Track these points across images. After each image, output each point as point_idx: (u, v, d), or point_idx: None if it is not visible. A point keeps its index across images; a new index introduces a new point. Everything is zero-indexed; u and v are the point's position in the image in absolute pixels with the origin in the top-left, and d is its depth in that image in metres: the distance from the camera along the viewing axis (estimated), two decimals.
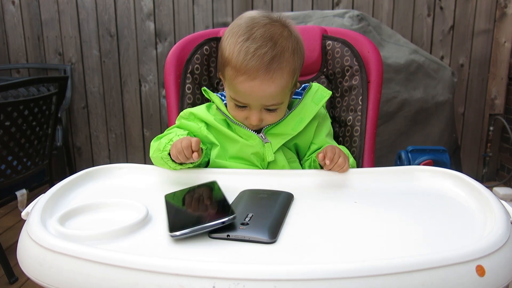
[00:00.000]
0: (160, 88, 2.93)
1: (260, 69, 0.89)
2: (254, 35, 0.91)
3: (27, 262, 0.60)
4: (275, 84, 0.91)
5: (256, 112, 0.95)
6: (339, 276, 0.50)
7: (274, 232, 0.64)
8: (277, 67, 0.91)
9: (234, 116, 0.99)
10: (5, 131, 1.72)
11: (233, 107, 0.98)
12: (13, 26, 2.91)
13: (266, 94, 0.92)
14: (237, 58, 0.90)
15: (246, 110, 0.96)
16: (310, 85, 1.05)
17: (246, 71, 0.90)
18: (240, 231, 0.64)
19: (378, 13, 2.77)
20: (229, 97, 0.98)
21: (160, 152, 0.92)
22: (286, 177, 0.90)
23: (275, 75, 0.91)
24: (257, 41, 0.90)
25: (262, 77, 0.90)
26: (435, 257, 0.52)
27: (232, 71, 0.92)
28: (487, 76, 2.86)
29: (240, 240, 0.63)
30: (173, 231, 0.63)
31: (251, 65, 0.89)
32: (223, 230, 0.65)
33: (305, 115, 1.01)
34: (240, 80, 0.91)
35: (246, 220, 0.68)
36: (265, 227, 0.65)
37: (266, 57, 0.89)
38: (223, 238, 0.64)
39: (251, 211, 0.71)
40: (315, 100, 1.03)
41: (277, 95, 0.93)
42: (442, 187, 0.83)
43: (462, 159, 2.79)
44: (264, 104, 0.94)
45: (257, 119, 0.96)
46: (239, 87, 0.92)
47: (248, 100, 0.94)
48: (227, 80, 0.95)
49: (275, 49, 0.90)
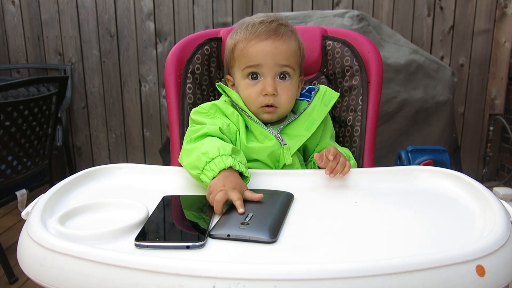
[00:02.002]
0: (160, 88, 2.92)
1: (269, 31, 0.97)
2: (257, 17, 1.01)
3: (27, 262, 0.60)
4: (286, 44, 0.98)
5: (270, 79, 0.97)
6: (339, 276, 0.50)
7: (275, 232, 0.64)
8: (284, 31, 0.99)
9: (248, 96, 0.99)
10: (5, 131, 1.72)
11: (246, 85, 0.99)
12: (13, 26, 2.91)
13: (279, 50, 0.97)
14: (245, 33, 0.99)
15: (260, 82, 0.98)
16: (318, 88, 1.07)
17: (256, 35, 0.97)
18: (240, 231, 0.64)
19: (378, 13, 2.77)
20: (241, 76, 1.01)
21: (199, 172, 0.82)
22: (286, 177, 0.90)
23: (284, 37, 0.98)
24: (261, 17, 1.00)
25: (273, 38, 0.97)
26: (435, 257, 0.52)
27: (242, 43, 0.98)
28: (487, 76, 2.86)
29: (240, 240, 0.63)
30: (140, 240, 0.62)
31: (259, 30, 0.97)
32: (223, 229, 0.65)
33: (317, 116, 1.02)
34: (251, 44, 0.97)
35: (246, 220, 0.67)
36: (265, 227, 0.65)
37: (273, 25, 0.98)
38: (223, 238, 0.64)
39: (251, 211, 0.71)
40: (324, 101, 1.04)
41: (289, 55, 0.98)
42: (442, 187, 0.83)
43: (462, 159, 2.79)
44: (278, 62, 0.97)
45: (272, 86, 0.97)
46: (252, 50, 0.97)
47: (261, 59, 0.97)
48: (238, 57, 1.00)
49: (279, 21, 1.00)
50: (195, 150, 0.85)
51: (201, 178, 0.81)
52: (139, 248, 0.61)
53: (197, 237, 0.64)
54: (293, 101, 1.02)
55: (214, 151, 0.82)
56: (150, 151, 3.05)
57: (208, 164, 0.80)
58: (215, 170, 0.79)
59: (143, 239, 0.63)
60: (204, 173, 0.80)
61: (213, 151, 0.82)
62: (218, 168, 0.79)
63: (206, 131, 0.92)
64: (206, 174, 0.80)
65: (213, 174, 0.79)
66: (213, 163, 0.80)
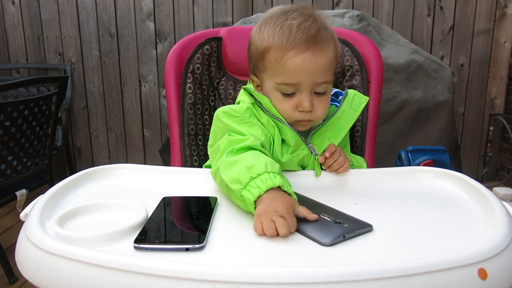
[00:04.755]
0: (160, 88, 2.92)
1: (309, 40, 0.86)
2: (292, 16, 0.88)
3: (26, 264, 0.60)
4: (326, 56, 0.88)
5: (307, 95, 0.89)
6: (339, 279, 0.50)
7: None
8: (324, 38, 0.88)
9: (282, 110, 0.91)
10: (5, 131, 1.72)
11: (280, 98, 0.91)
12: (13, 26, 2.91)
13: (319, 66, 0.87)
14: (281, 37, 0.87)
15: (295, 97, 0.90)
16: (346, 92, 1.01)
17: (295, 45, 0.86)
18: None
19: (378, 13, 2.76)
20: (274, 88, 0.91)
21: (241, 188, 0.72)
22: (287, 177, 0.89)
23: (324, 46, 0.87)
24: (298, 18, 0.87)
25: (313, 48, 0.86)
26: (437, 260, 0.52)
27: (277, 52, 0.87)
28: (487, 76, 2.85)
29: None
30: (139, 242, 0.62)
31: (298, 39, 0.86)
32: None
33: (345, 123, 0.98)
34: (288, 56, 0.86)
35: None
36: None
37: (312, 29, 0.86)
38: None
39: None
40: (353, 106, 0.99)
41: (327, 69, 0.89)
42: (443, 188, 0.83)
43: (462, 159, 2.79)
44: (316, 81, 0.88)
45: (309, 102, 0.88)
46: (289, 65, 0.86)
47: (300, 77, 0.87)
48: (270, 66, 0.89)
49: (317, 23, 0.88)
50: (238, 163, 0.76)
51: (242, 194, 0.71)
52: (138, 251, 0.61)
53: (197, 239, 0.63)
54: (327, 111, 0.95)
55: (261, 166, 0.73)
56: (150, 151, 3.04)
57: (253, 180, 0.71)
58: (261, 187, 0.70)
59: (142, 241, 0.62)
60: (247, 189, 0.71)
61: (259, 167, 0.73)
62: (266, 186, 0.70)
63: (251, 144, 0.81)
64: (250, 191, 0.70)
65: (259, 191, 0.70)
66: (259, 180, 0.71)
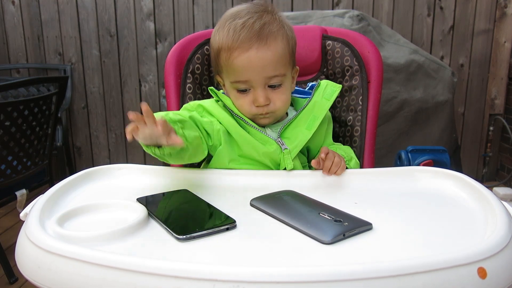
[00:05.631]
0: (160, 88, 2.92)
1: (252, 37, 0.88)
2: (240, 15, 0.92)
3: (26, 264, 0.60)
4: (271, 50, 0.90)
5: (261, 90, 0.92)
6: (339, 278, 0.50)
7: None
8: (268, 32, 0.90)
9: (240, 106, 0.94)
10: (5, 131, 1.72)
11: (236, 95, 0.94)
12: (13, 26, 2.91)
13: (265, 62, 0.89)
14: (227, 38, 0.90)
15: (250, 93, 0.93)
16: (318, 83, 1.03)
17: (239, 44, 0.89)
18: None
19: (378, 13, 2.76)
20: (230, 87, 0.95)
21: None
22: (287, 177, 0.90)
23: (269, 41, 0.89)
24: (244, 17, 0.91)
25: (257, 45, 0.89)
26: (436, 259, 0.52)
27: (226, 53, 0.90)
28: (487, 76, 2.85)
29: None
30: (181, 233, 0.64)
31: (242, 37, 0.88)
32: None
33: (318, 113, 0.98)
34: (235, 55, 0.89)
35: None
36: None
37: (255, 26, 0.89)
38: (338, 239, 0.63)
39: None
40: (326, 96, 1.00)
41: (276, 63, 0.91)
42: (442, 188, 0.83)
43: (462, 159, 2.79)
44: (266, 75, 0.91)
45: (264, 97, 0.91)
46: (236, 63, 0.90)
47: (248, 74, 0.90)
48: (224, 66, 0.93)
49: (262, 19, 0.90)
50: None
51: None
52: (184, 241, 0.63)
53: (226, 218, 0.68)
54: (288, 102, 0.98)
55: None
56: None
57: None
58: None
59: (183, 232, 0.64)
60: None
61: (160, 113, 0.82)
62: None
63: (180, 113, 0.89)
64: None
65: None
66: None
